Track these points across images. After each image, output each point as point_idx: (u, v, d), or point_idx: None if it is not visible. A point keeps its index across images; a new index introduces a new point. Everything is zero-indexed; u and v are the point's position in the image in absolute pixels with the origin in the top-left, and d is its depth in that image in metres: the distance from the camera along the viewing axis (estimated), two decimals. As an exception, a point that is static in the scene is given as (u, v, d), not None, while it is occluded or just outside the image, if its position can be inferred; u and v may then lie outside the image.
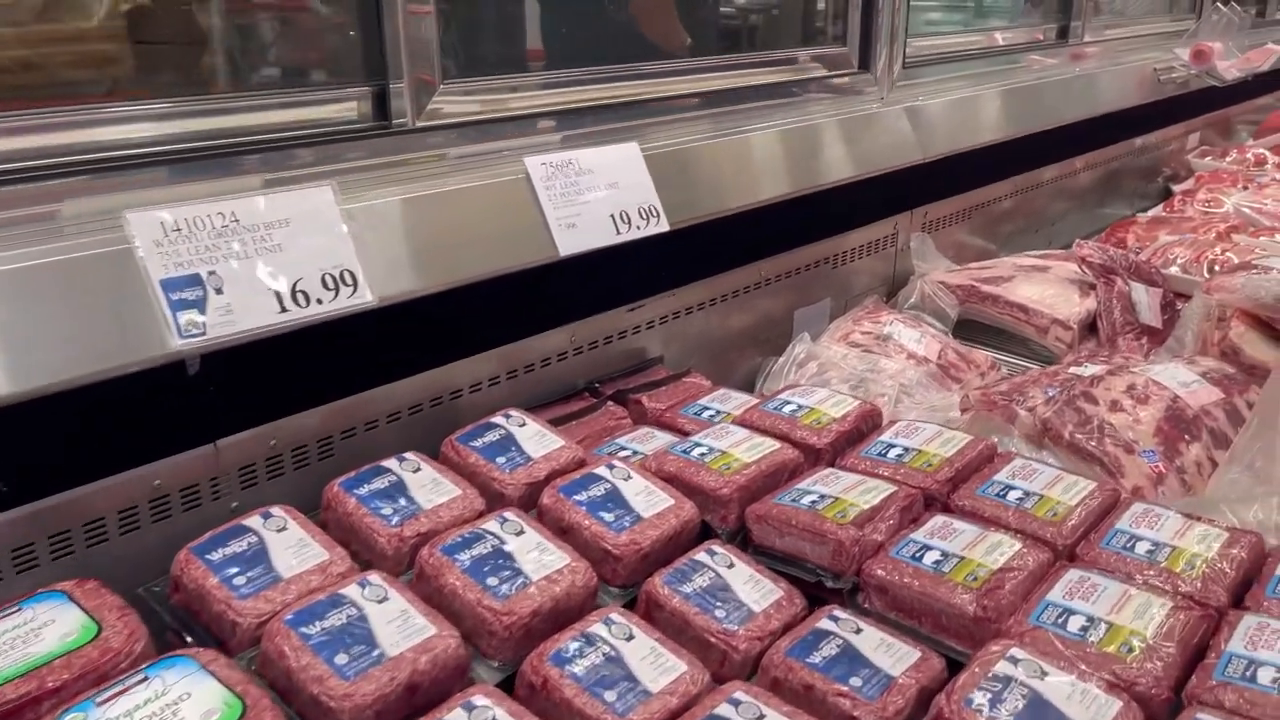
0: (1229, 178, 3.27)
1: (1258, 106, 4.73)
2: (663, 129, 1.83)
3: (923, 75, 2.50)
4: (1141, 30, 3.62)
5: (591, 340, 1.66)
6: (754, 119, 2.01)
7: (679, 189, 1.75)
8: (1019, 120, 2.78)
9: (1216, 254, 2.33)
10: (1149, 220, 2.82)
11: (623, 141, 1.67)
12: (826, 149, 2.10)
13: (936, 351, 2.03)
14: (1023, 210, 2.98)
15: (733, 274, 1.92)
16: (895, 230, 2.33)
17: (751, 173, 1.92)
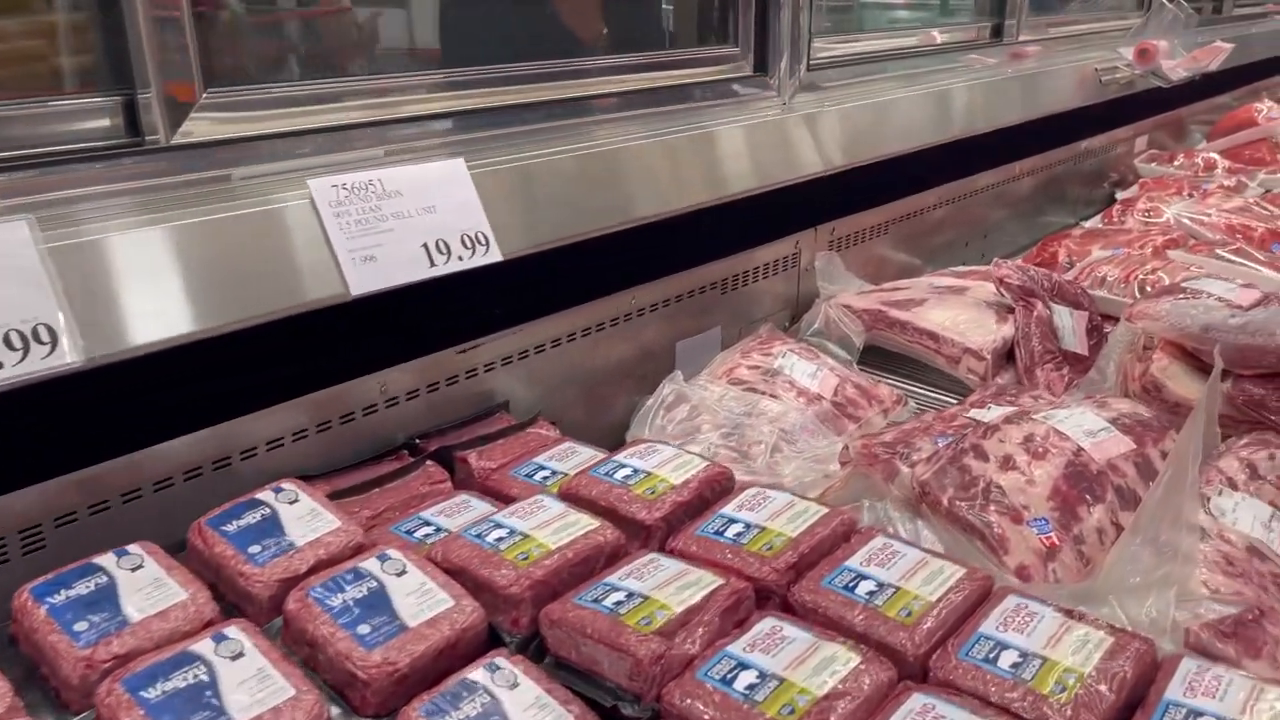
0: (1174, 184, 3.09)
1: (1213, 106, 4.56)
2: (512, 142, 1.61)
3: (833, 79, 2.29)
4: (1084, 29, 3.43)
5: (414, 389, 1.44)
6: (628, 129, 1.80)
7: (525, 211, 1.53)
8: (944, 125, 2.58)
9: (1147, 273, 2.14)
10: (1083, 233, 2.62)
11: (454, 157, 1.46)
12: (713, 162, 1.89)
13: (833, 387, 1.82)
14: (955, 221, 2.78)
15: (598, 304, 1.71)
16: (798, 249, 2.12)
17: (622, 190, 1.70)
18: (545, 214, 1.55)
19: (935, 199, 2.60)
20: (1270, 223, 2.62)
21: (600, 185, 1.66)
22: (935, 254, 2.68)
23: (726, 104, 2.01)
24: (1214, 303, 1.77)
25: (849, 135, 2.19)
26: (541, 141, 1.63)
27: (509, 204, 1.50)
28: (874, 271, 2.45)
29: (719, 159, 1.90)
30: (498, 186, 1.50)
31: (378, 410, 1.39)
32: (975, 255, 2.85)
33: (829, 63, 2.30)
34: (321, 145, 1.36)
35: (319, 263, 1.24)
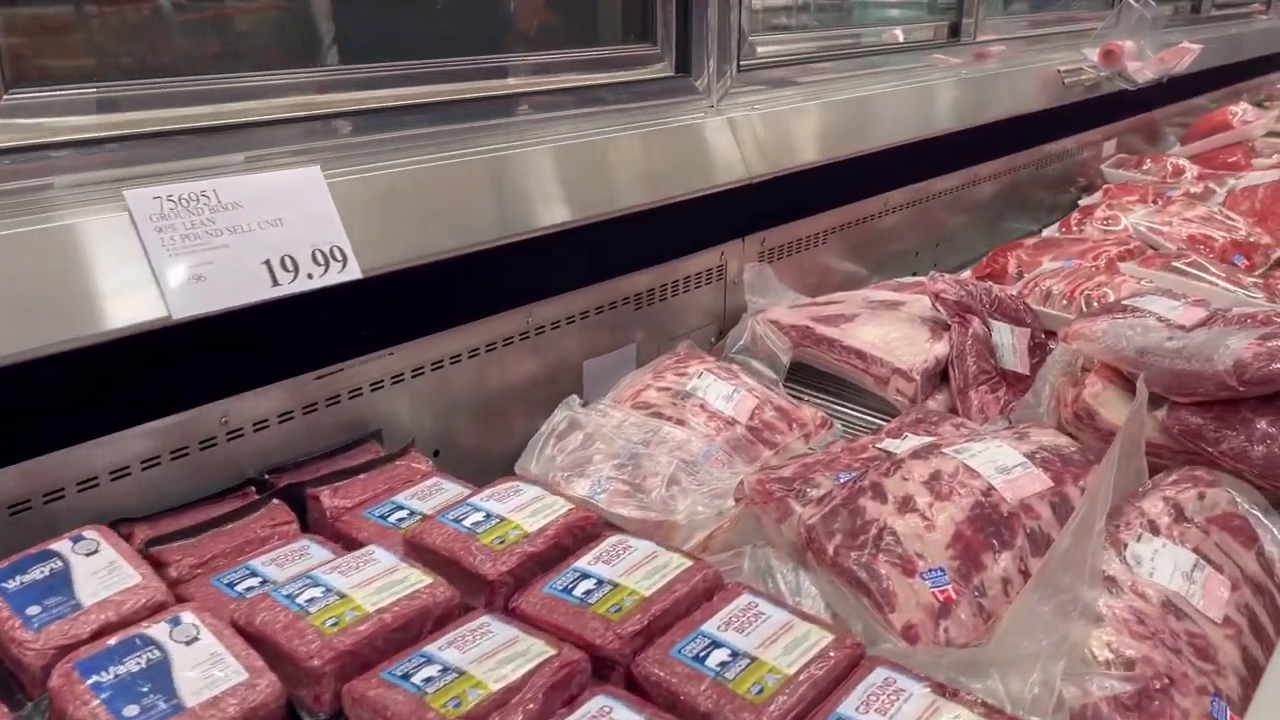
0: (1139, 191, 2.98)
1: (1191, 108, 4.45)
2: (391, 148, 1.48)
3: (771, 79, 2.17)
4: (1048, 29, 3.31)
5: (262, 419, 1.32)
6: (530, 133, 1.67)
7: (395, 223, 1.41)
8: (893, 128, 2.46)
9: (1093, 288, 2.02)
10: (1036, 243, 2.50)
11: (321, 164, 1.33)
12: (626, 168, 1.77)
13: (750, 410, 1.70)
14: (908, 229, 2.66)
15: (490, 322, 1.59)
16: (723, 261, 2.00)
17: (516, 199, 1.58)
18: (420, 226, 1.43)
19: (883, 205, 2.48)
20: (1232, 232, 2.51)
21: (490, 194, 1.54)
22: (884, 263, 2.56)
23: (645, 107, 1.89)
24: (1154, 323, 1.66)
25: (780, 140, 2.07)
26: (424, 148, 1.51)
27: (377, 216, 1.38)
28: (815, 283, 2.33)
29: (632, 165, 1.78)
30: (365, 197, 1.37)
31: (217, 442, 1.26)
32: (927, 265, 2.73)
33: (766, 62, 2.18)
34: (159, 151, 1.24)
35: (135, 283, 1.12)
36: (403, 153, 1.48)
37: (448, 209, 1.48)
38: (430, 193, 1.46)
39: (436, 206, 1.46)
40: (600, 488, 1.41)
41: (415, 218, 1.43)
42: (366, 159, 1.44)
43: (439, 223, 1.46)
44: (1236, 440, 1.45)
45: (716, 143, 1.94)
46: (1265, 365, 1.42)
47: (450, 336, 1.52)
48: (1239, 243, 2.45)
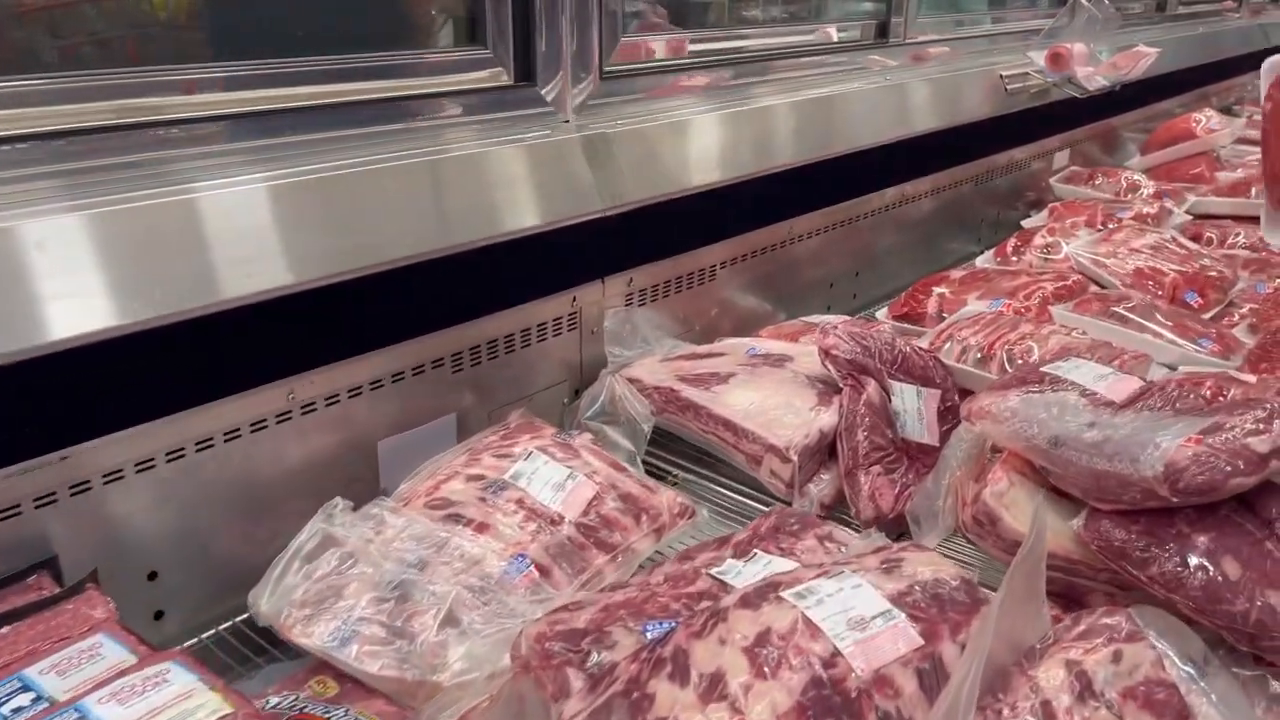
0: (1087, 210, 2.67)
1: (1156, 113, 4.16)
2: (101, 179, 1.15)
3: (643, 88, 1.85)
4: (990, 29, 3.00)
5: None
6: (324, 154, 1.34)
7: (96, 272, 1.07)
8: (803, 143, 2.14)
9: (1016, 340, 1.71)
10: (964, 276, 2.19)
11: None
12: (438, 201, 1.44)
13: (585, 502, 1.38)
14: (830, 255, 2.35)
15: (246, 399, 1.25)
16: (576, 307, 1.67)
17: (274, 242, 1.25)
18: (150, 279, 1.09)
19: (788, 232, 2.16)
20: (1186, 263, 2.21)
21: (235, 237, 1.21)
22: (795, 298, 2.25)
23: (473, 123, 1.56)
24: (1076, 400, 1.34)
25: (652, 161, 1.75)
26: (131, 181, 1.17)
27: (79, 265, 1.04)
28: (707, 326, 2.01)
29: (449, 196, 1.45)
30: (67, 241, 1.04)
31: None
32: (846, 297, 2.41)
33: (640, 68, 1.85)
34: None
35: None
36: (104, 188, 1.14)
37: (181, 258, 1.14)
38: (163, 236, 1.13)
39: (146, 260, 1.12)
40: (346, 632, 1.09)
41: (136, 267, 1.09)
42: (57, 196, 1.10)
43: (164, 274, 1.12)
44: (1169, 563, 1.14)
45: (566, 166, 1.61)
46: (1204, 472, 1.11)
47: (188, 419, 1.19)
48: (1193, 277, 2.15)
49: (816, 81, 2.35)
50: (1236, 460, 1.13)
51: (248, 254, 1.21)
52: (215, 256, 1.18)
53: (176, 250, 1.16)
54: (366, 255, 1.32)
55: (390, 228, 1.36)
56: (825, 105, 2.27)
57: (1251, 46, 4.99)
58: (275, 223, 1.25)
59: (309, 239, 1.27)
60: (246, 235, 1.22)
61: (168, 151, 1.20)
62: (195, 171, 1.22)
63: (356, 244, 1.32)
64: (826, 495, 1.52)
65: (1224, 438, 1.16)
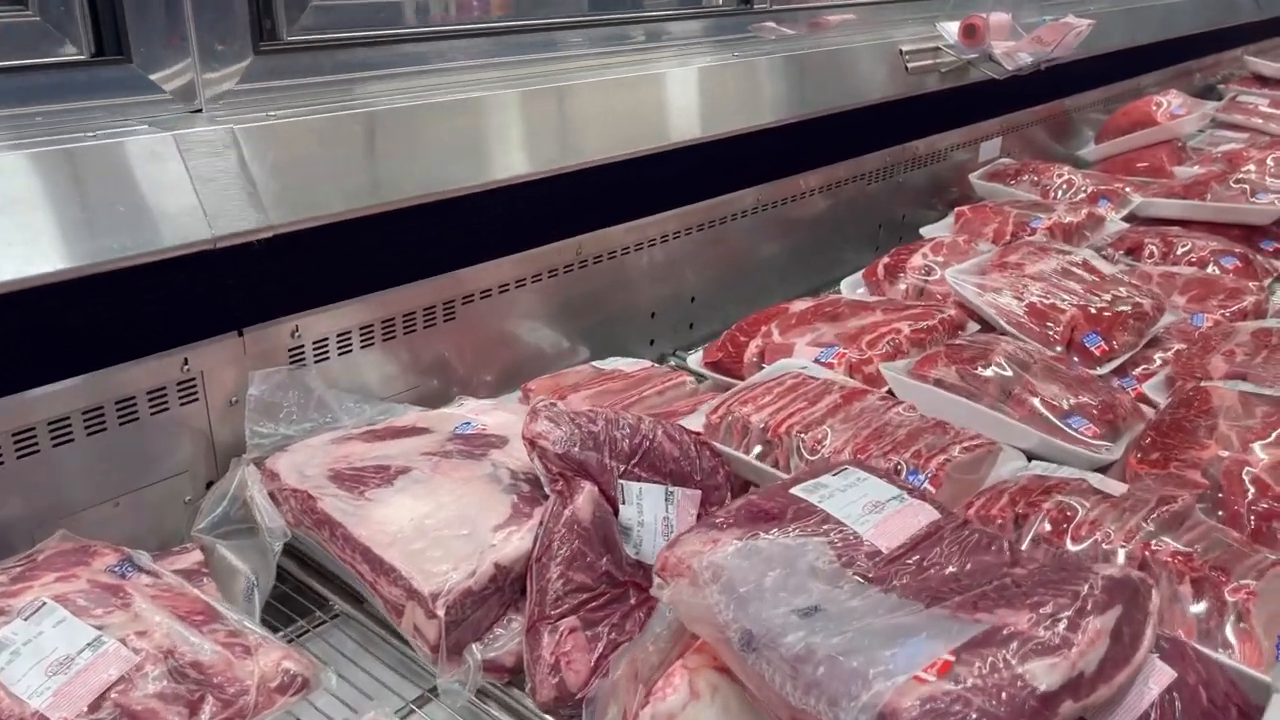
0: (997, 218, 2.19)
1: (1123, 92, 3.65)
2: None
3: (346, 64, 1.38)
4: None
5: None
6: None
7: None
8: (609, 135, 1.68)
9: (816, 418, 1.25)
10: (806, 310, 1.70)
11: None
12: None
13: (102, 687, 0.93)
14: (660, 274, 1.89)
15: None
16: (190, 372, 1.21)
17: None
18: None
19: (576, 252, 1.69)
20: (1095, 295, 1.73)
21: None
22: (606, 331, 1.79)
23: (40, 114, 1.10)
24: (820, 552, 0.89)
25: (302, 169, 1.28)
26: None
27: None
28: (462, 376, 1.56)
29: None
30: None
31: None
32: (677, 329, 1.95)
33: (327, 41, 1.38)
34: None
35: None
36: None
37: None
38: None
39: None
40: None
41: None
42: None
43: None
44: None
45: (183, 175, 1.16)
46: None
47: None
48: (1099, 313, 1.68)
49: (648, 57, 1.88)
50: (999, 713, 0.68)
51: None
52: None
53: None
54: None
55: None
56: (654, 87, 1.80)
57: (1240, 18, 4.47)
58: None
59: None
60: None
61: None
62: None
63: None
64: (506, 656, 1.08)
65: (989, 664, 0.71)
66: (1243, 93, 4.02)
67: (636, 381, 1.55)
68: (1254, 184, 2.47)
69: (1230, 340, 1.66)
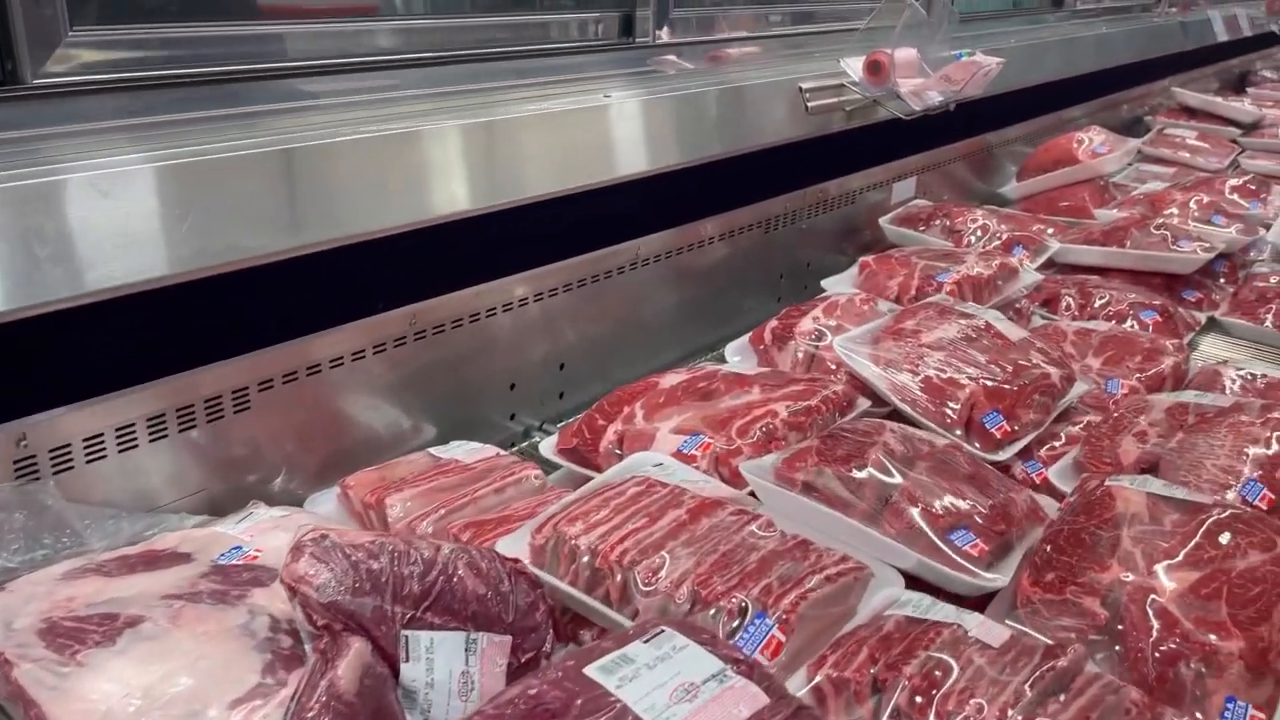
0: (903, 270, 2.03)
1: (1050, 125, 3.54)
2: None
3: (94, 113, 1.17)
4: (786, 27, 2.34)
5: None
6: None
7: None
8: (462, 186, 1.47)
9: (651, 543, 1.05)
10: (681, 384, 1.51)
11: None
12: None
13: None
14: (534, 336, 1.69)
15: None
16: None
17: None
18: None
19: (409, 323, 1.48)
20: (999, 364, 1.56)
21: None
22: (445, 409, 1.58)
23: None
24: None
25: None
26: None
27: None
28: (263, 473, 1.34)
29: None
30: None
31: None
32: (532, 403, 1.74)
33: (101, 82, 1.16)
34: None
35: None
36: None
37: None
38: None
39: None
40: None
41: None
42: None
43: None
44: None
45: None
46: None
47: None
48: (999, 390, 1.50)
49: (515, 97, 1.68)
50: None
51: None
52: None
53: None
54: None
55: None
56: (515, 132, 1.59)
57: (1169, 48, 4.40)
58: None
59: None
60: None
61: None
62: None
63: None
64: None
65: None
66: (1170, 125, 3.94)
67: (474, 476, 1.34)
68: (1175, 230, 2.34)
69: (1144, 418, 1.50)
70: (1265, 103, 4.49)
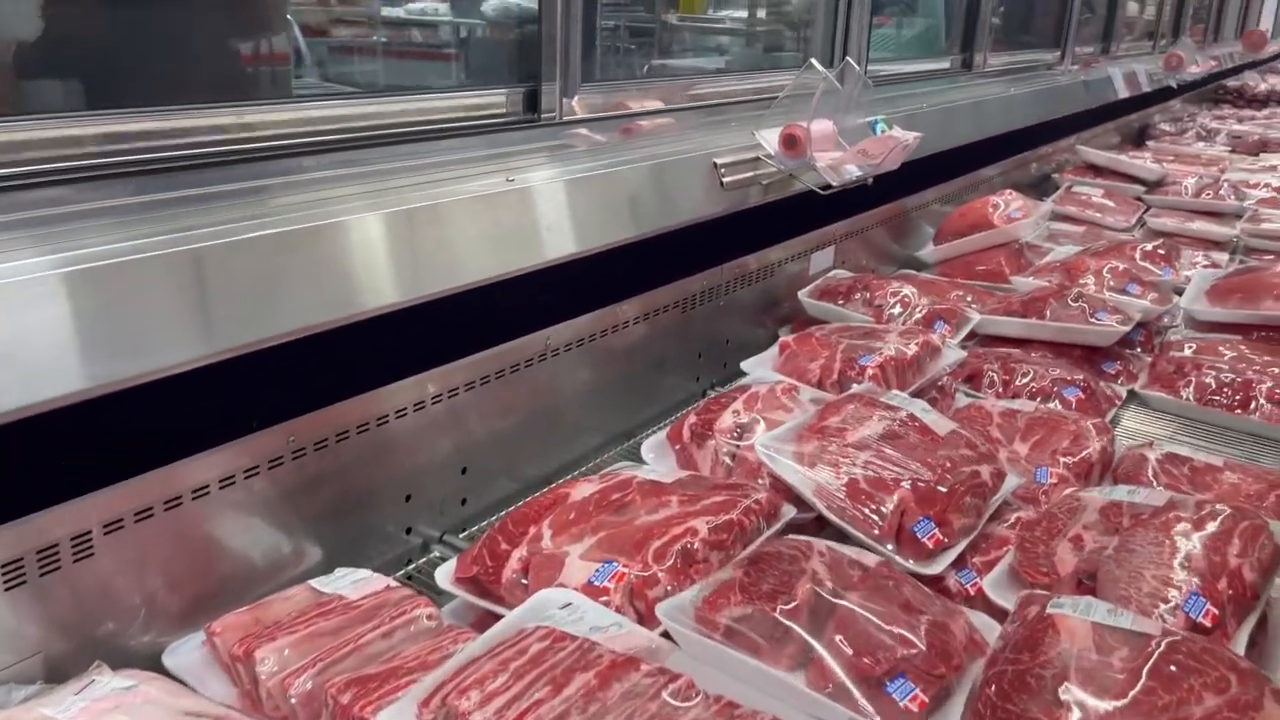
0: (825, 351, 1.95)
1: (965, 186, 3.55)
2: None
3: None
4: (701, 97, 2.27)
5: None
6: None
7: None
8: (319, 299, 1.33)
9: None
10: (594, 495, 1.37)
11: None
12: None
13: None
14: (417, 442, 1.54)
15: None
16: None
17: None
18: None
19: (286, 441, 1.34)
20: (927, 463, 1.47)
21: None
22: (332, 528, 1.42)
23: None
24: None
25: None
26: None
27: None
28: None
29: None
30: None
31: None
32: (431, 514, 1.60)
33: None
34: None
35: None
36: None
37: None
38: None
39: None
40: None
41: None
42: None
43: None
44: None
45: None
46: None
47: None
48: (930, 493, 1.42)
49: (408, 183, 1.55)
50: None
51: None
52: None
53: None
54: None
55: None
56: (410, 225, 1.47)
57: (1073, 107, 4.50)
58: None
59: None
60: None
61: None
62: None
63: None
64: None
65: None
66: (1077, 182, 4.01)
67: (359, 617, 1.19)
68: (1092, 301, 2.32)
69: (1078, 520, 1.43)
70: (1166, 157, 4.63)
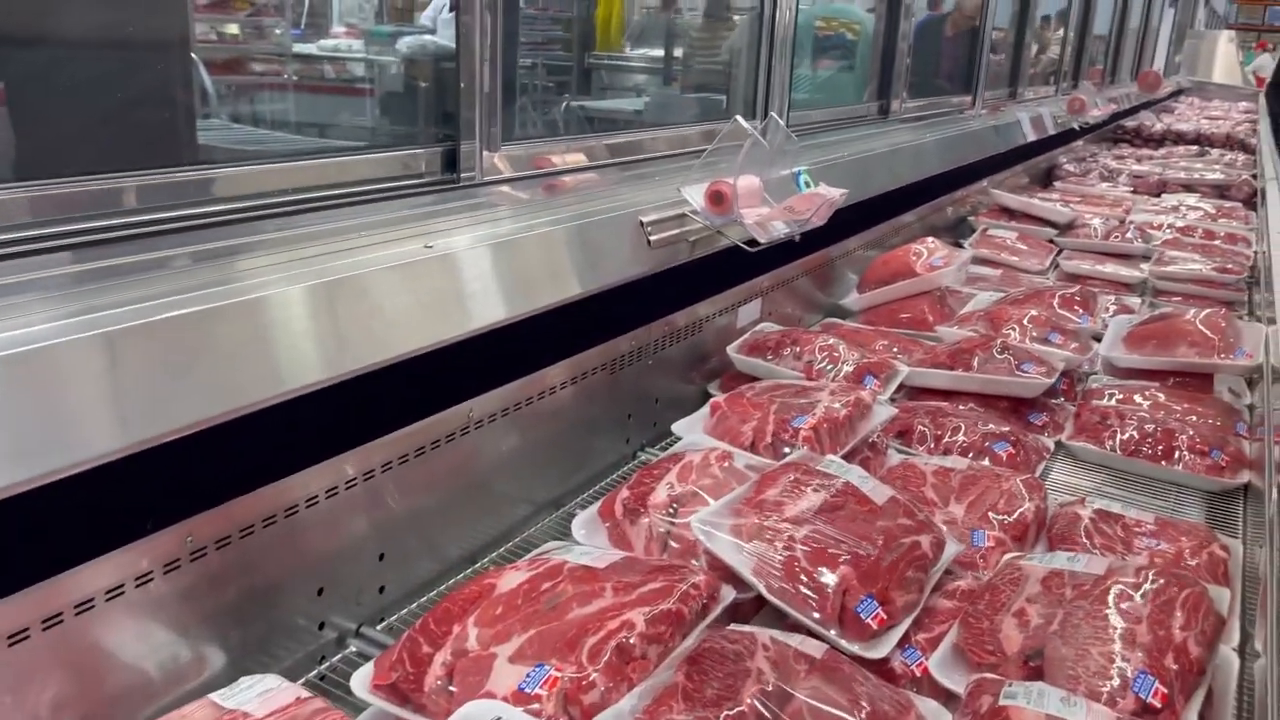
0: (757, 412, 1.90)
1: (887, 232, 3.58)
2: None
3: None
4: (628, 154, 2.23)
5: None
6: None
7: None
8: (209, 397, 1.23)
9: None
10: (522, 585, 1.27)
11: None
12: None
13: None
14: (326, 532, 1.43)
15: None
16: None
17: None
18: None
19: (177, 541, 1.23)
20: (866, 535, 1.43)
21: None
22: (236, 631, 1.30)
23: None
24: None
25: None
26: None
27: None
28: None
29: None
30: None
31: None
32: (346, 605, 1.49)
33: None
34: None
35: None
36: None
37: None
38: None
39: None
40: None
41: None
42: None
43: None
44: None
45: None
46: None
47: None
48: (872, 569, 1.37)
49: (315, 252, 1.46)
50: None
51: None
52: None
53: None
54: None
55: None
56: (318, 300, 1.37)
57: (984, 151, 4.61)
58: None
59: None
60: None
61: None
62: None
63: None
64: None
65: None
66: (993, 225, 4.10)
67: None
68: (1017, 352, 2.34)
69: (1020, 593, 1.40)
70: (1073, 198, 4.79)
